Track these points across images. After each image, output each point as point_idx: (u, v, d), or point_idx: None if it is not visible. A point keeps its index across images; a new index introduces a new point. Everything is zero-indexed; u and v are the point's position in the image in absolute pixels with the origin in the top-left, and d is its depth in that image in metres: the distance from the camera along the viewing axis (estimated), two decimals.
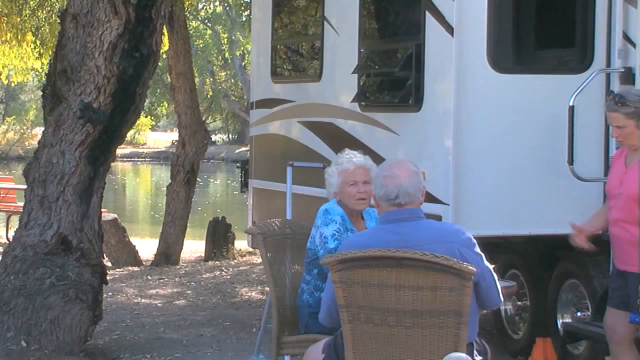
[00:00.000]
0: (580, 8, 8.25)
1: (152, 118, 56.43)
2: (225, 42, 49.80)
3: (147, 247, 16.91)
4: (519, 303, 8.72)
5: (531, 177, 8.07)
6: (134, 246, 15.75)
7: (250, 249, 15.14)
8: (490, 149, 8.04)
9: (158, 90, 48.29)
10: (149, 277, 13.65)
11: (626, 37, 7.85)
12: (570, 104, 7.72)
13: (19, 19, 18.51)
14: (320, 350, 5.18)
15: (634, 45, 7.76)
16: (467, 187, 7.97)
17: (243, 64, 45.75)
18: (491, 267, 5.04)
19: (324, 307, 5.10)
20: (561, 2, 8.51)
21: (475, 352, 5.00)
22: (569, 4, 8.35)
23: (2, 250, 9.57)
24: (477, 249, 4.99)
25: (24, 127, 57.88)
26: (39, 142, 8.69)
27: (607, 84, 7.87)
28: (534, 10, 8.68)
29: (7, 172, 36.92)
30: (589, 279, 7.83)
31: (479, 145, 8.02)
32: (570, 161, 7.75)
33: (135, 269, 14.84)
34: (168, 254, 15.30)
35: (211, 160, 50.31)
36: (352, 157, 6.24)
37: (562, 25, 8.48)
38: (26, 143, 54.70)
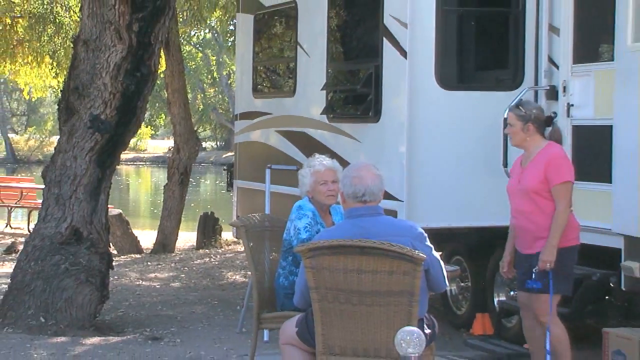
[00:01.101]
0: (512, 35, 8.29)
1: (152, 128, 56.10)
2: (214, 64, 49.62)
3: (147, 237, 16.81)
4: (462, 284, 8.72)
5: (472, 177, 8.09)
6: (136, 237, 15.65)
7: (235, 239, 15.09)
8: (438, 153, 8.05)
9: (157, 104, 48.00)
10: (148, 263, 13.58)
11: (551, 60, 7.88)
12: (505, 116, 7.70)
13: (38, 44, 18.40)
14: (294, 325, 5.16)
15: (557, 67, 7.80)
16: (418, 186, 7.98)
17: (229, 82, 45.57)
18: (439, 257, 5.04)
19: (298, 291, 5.07)
20: (497, 30, 8.54)
21: (425, 326, 4.99)
22: (503, 32, 8.39)
23: (24, 240, 9.49)
24: (428, 242, 4.98)
25: (43, 136, 57.43)
26: (55, 148, 8.65)
27: (535, 99, 7.88)
28: (474, 37, 8.70)
29: (28, 174, 36.63)
30: None
31: (429, 150, 8.03)
32: (505, 164, 7.76)
33: (137, 256, 14.76)
34: (165, 244, 15.23)
35: (202, 164, 50.03)
36: (323, 161, 6.21)
37: (498, 50, 8.51)
38: (45, 149, 54.23)
